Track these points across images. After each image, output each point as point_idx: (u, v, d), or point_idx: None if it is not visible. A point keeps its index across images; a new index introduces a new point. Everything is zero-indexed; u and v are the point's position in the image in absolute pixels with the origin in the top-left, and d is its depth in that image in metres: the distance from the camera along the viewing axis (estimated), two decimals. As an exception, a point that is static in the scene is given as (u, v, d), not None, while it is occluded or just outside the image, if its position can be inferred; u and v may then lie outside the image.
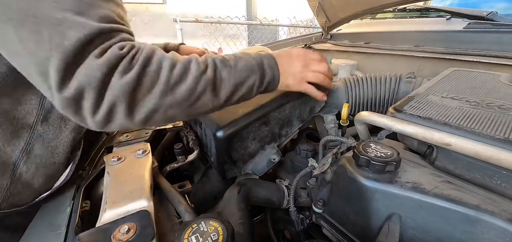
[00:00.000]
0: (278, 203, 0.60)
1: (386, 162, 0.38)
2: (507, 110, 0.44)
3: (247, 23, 3.65)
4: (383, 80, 0.71)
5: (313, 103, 0.69)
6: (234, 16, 3.17)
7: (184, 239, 0.34)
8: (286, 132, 0.66)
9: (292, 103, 0.64)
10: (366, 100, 0.71)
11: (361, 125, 0.54)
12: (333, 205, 0.47)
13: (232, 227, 0.37)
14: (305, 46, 1.37)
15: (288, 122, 0.65)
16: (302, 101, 0.66)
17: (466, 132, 0.39)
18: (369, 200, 0.39)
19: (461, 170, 0.40)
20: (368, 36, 1.23)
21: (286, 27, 4.27)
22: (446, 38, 0.97)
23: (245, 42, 4.16)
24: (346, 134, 0.76)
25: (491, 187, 0.37)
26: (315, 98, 0.61)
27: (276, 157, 0.61)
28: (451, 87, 0.56)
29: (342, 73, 1.08)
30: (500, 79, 0.59)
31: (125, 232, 0.36)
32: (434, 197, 0.35)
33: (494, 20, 0.92)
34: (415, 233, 0.37)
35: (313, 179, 0.56)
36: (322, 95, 0.61)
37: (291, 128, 0.66)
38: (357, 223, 0.43)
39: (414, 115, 0.45)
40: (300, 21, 4.04)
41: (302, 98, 0.65)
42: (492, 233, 0.31)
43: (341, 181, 0.45)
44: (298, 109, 0.66)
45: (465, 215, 0.33)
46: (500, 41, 0.84)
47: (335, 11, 1.29)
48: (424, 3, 1.41)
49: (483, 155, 0.36)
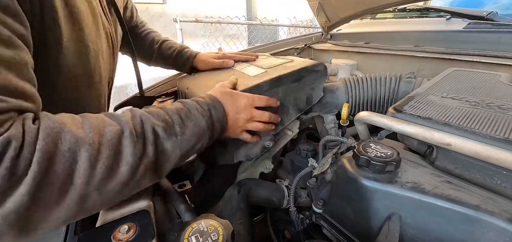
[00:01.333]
0: (278, 203, 0.60)
1: (386, 162, 0.38)
2: (507, 110, 0.44)
3: (247, 23, 3.65)
4: (383, 80, 0.71)
5: (309, 91, 0.67)
6: (234, 16, 3.17)
7: (184, 239, 0.34)
8: (282, 119, 0.63)
9: (284, 87, 0.62)
10: (366, 100, 0.71)
11: (361, 125, 0.54)
12: (333, 205, 0.47)
13: (232, 227, 0.37)
14: (305, 46, 1.37)
15: (282, 108, 0.62)
16: (296, 87, 0.64)
17: (466, 132, 0.39)
18: (369, 200, 0.39)
19: (461, 170, 0.40)
20: (368, 36, 1.23)
21: (286, 27, 4.27)
22: (446, 38, 0.97)
23: (245, 42, 4.16)
24: (346, 134, 0.76)
25: (491, 187, 0.37)
26: (248, 141, 0.56)
27: (271, 143, 0.60)
28: (451, 87, 0.56)
29: (342, 73, 1.08)
30: (500, 79, 0.59)
31: (125, 232, 0.36)
32: (434, 197, 0.35)
33: (494, 20, 0.92)
34: (415, 233, 0.37)
35: (313, 179, 0.56)
36: (257, 138, 0.56)
37: (288, 116, 0.64)
38: (357, 223, 0.43)
39: (414, 115, 0.45)
40: (300, 21, 4.04)
41: (296, 84, 0.63)
42: (492, 233, 0.31)
43: (341, 181, 0.45)
44: (293, 95, 0.64)
45: (465, 215, 0.33)
46: (500, 41, 0.84)
47: (335, 11, 1.29)
48: (424, 3, 1.41)
49: (483, 155, 0.36)
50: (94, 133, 0.29)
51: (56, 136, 0.27)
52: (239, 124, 0.51)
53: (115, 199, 0.32)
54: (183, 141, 0.38)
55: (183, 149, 0.39)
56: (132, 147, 0.31)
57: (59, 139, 0.27)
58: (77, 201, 0.28)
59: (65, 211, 0.27)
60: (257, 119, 0.54)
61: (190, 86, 0.72)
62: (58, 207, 0.27)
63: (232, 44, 3.51)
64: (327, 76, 0.68)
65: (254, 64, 0.74)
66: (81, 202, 0.28)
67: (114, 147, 0.30)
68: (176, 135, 0.37)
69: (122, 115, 0.35)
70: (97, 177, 0.28)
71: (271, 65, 0.70)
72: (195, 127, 0.41)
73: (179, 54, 0.84)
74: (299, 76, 0.63)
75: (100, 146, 0.29)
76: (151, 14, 3.97)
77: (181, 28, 2.74)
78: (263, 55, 0.89)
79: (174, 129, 0.38)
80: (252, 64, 0.76)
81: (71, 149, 0.27)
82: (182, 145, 0.38)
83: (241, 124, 0.51)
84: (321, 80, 0.68)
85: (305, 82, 0.65)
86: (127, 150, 0.31)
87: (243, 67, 0.74)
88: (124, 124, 0.33)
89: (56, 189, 0.26)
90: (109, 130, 0.31)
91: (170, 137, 0.37)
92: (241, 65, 0.77)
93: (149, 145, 0.34)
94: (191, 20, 2.83)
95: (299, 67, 0.64)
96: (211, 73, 0.78)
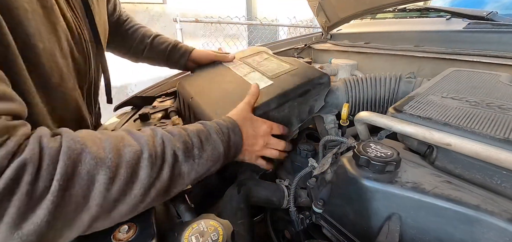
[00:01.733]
0: (278, 203, 0.60)
1: (386, 162, 0.38)
2: (507, 110, 0.44)
3: (247, 23, 3.65)
4: (383, 80, 0.71)
5: (312, 103, 0.68)
6: (234, 16, 3.17)
7: (184, 239, 0.34)
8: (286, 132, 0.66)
9: (291, 103, 0.63)
10: (366, 100, 0.71)
11: (361, 125, 0.54)
12: (333, 205, 0.47)
13: (232, 227, 0.37)
14: (305, 46, 1.37)
15: (287, 121, 0.64)
16: (301, 101, 0.65)
17: (466, 132, 0.39)
18: (369, 200, 0.39)
19: (461, 170, 0.40)
20: (368, 36, 1.23)
21: (286, 27, 4.27)
22: (446, 38, 0.97)
23: (245, 42, 4.16)
24: (346, 134, 0.75)
25: (491, 187, 0.37)
26: (264, 168, 0.57)
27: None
28: (451, 87, 0.56)
29: (342, 73, 1.08)
30: (500, 79, 0.59)
31: (125, 232, 0.36)
32: (434, 197, 0.35)
33: (494, 20, 0.92)
34: (415, 233, 0.37)
35: (313, 179, 0.56)
36: (271, 166, 0.58)
37: (292, 128, 0.66)
38: (357, 223, 0.43)
39: (414, 115, 0.45)
40: (300, 21, 4.04)
41: (301, 98, 0.65)
42: (492, 233, 0.31)
43: (341, 181, 0.45)
44: (297, 109, 0.65)
45: (465, 215, 0.33)
46: (500, 41, 0.84)
47: (335, 11, 1.29)
48: (424, 3, 1.41)
49: (483, 155, 0.36)
50: (113, 154, 0.29)
51: (77, 158, 0.26)
52: (255, 149, 0.52)
53: (121, 220, 0.32)
54: (200, 165, 0.38)
55: (198, 172, 0.39)
56: (149, 169, 0.31)
57: (79, 162, 0.27)
58: (88, 222, 0.28)
59: (76, 231, 0.28)
60: (273, 146, 0.55)
61: (194, 95, 0.71)
62: (70, 228, 0.27)
63: (232, 44, 3.51)
64: (330, 86, 0.69)
65: (259, 70, 0.73)
66: (91, 222, 0.28)
67: (131, 168, 0.30)
68: (194, 158, 0.37)
69: (143, 133, 0.35)
70: (110, 199, 0.28)
71: (276, 73, 0.69)
72: (213, 151, 0.40)
73: (173, 49, 0.81)
74: (305, 90, 0.64)
75: (118, 167, 0.29)
76: (151, 14, 3.97)
77: (181, 28, 2.74)
78: (264, 52, 0.87)
79: (192, 152, 0.38)
80: (256, 69, 0.73)
81: (90, 172, 0.27)
82: (198, 168, 0.38)
83: (257, 149, 0.52)
84: (324, 91, 0.69)
85: (310, 95, 0.66)
86: (143, 172, 0.31)
87: (246, 73, 0.73)
88: (144, 144, 0.33)
89: (71, 211, 0.26)
90: (128, 150, 0.31)
91: (188, 160, 0.37)
92: (244, 69, 0.75)
93: (166, 167, 0.33)
94: (191, 20, 2.83)
95: (306, 80, 0.64)
96: (214, 80, 0.76)
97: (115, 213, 0.30)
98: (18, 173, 0.23)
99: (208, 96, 0.69)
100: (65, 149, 0.26)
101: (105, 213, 0.29)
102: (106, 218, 0.29)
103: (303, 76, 0.66)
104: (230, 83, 0.71)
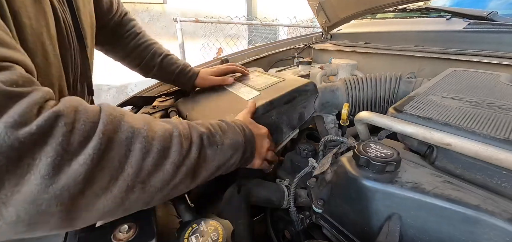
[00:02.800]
0: (278, 203, 0.60)
1: (386, 162, 0.38)
2: (507, 110, 0.44)
3: (247, 23, 3.65)
4: (383, 80, 0.71)
5: (300, 110, 0.69)
6: (234, 16, 3.17)
7: (184, 239, 0.34)
8: (276, 138, 0.65)
9: (277, 109, 0.64)
10: (366, 100, 0.71)
11: (361, 125, 0.54)
12: (333, 205, 0.47)
13: (232, 227, 0.37)
14: (305, 46, 1.37)
15: (276, 128, 0.64)
16: (288, 108, 0.66)
17: (466, 132, 0.39)
18: (369, 200, 0.39)
19: (461, 170, 0.40)
20: (368, 36, 1.23)
21: (286, 27, 4.27)
22: (446, 38, 0.97)
23: (245, 42, 4.16)
24: (346, 134, 0.76)
25: (491, 187, 0.37)
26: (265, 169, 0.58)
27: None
28: (451, 87, 0.56)
29: (342, 73, 1.08)
30: (500, 79, 0.59)
31: (125, 232, 0.36)
32: (434, 197, 0.35)
33: (494, 20, 0.92)
34: (415, 233, 0.37)
35: (313, 179, 0.56)
36: (270, 168, 0.59)
37: (282, 135, 0.66)
38: (357, 223, 0.43)
39: (414, 115, 0.45)
40: (300, 21, 4.04)
41: (287, 105, 0.66)
42: (492, 233, 0.31)
43: (341, 181, 0.45)
44: (286, 116, 0.66)
45: (465, 215, 0.33)
46: (500, 41, 0.84)
47: (335, 11, 1.29)
48: (424, 3, 1.41)
49: (483, 155, 0.36)
50: (148, 127, 0.30)
51: (117, 123, 0.28)
52: (262, 150, 0.53)
53: (151, 199, 0.32)
54: (221, 151, 0.39)
55: (220, 160, 0.39)
56: (180, 145, 0.32)
57: (119, 127, 0.28)
58: (123, 192, 0.27)
59: (110, 202, 0.27)
60: (271, 148, 0.56)
61: (191, 110, 0.77)
62: (105, 195, 0.26)
63: (232, 44, 3.51)
64: (317, 93, 0.70)
65: (248, 85, 0.78)
66: (126, 193, 0.28)
67: (164, 141, 0.31)
68: (217, 145, 0.39)
69: (169, 120, 0.36)
70: (145, 170, 0.29)
71: (263, 86, 0.73)
72: (233, 138, 0.42)
73: (182, 72, 0.85)
74: (291, 97, 0.65)
75: (153, 139, 0.30)
76: (151, 14, 3.97)
77: (181, 28, 2.73)
78: (256, 71, 0.93)
79: (215, 138, 0.39)
80: (246, 84, 0.79)
81: (128, 138, 0.28)
82: (219, 156, 0.39)
83: (263, 151, 0.53)
84: (311, 98, 0.70)
85: (297, 102, 0.67)
86: (175, 148, 0.32)
87: (237, 88, 0.78)
88: (173, 125, 0.34)
89: (107, 175, 0.26)
90: (160, 127, 0.32)
91: (212, 146, 0.38)
92: (236, 86, 0.81)
93: (194, 147, 0.35)
94: (191, 20, 2.83)
95: (290, 89, 0.66)
96: (210, 98, 0.81)
97: (148, 188, 0.29)
98: (51, 123, 0.23)
99: (203, 112, 0.74)
100: (106, 113, 0.27)
101: (139, 184, 0.29)
102: (140, 192, 0.29)
103: (289, 86, 0.68)
104: (225, 99, 0.77)
